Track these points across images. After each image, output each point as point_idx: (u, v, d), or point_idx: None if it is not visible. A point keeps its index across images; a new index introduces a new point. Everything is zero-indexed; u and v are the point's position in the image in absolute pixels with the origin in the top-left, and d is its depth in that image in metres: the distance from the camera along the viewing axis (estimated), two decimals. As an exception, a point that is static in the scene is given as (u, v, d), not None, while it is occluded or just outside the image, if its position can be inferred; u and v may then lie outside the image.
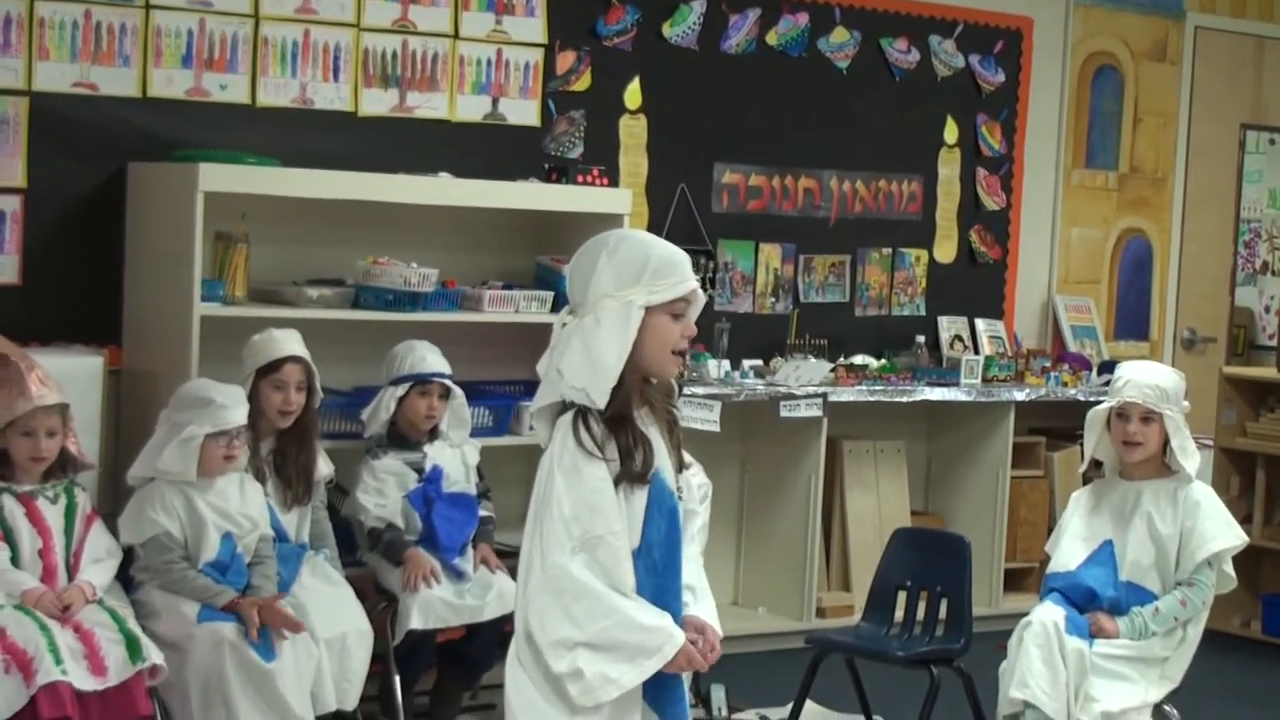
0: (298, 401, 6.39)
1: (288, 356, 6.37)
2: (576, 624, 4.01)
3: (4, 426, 5.78)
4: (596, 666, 4.01)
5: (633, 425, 4.17)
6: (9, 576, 5.69)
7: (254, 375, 6.36)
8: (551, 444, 4.18)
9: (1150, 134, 10.15)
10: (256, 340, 6.42)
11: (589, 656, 4.01)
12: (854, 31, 8.87)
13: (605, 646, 4.01)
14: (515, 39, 7.83)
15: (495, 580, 6.58)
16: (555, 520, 4.05)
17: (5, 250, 6.76)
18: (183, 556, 5.99)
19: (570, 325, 4.16)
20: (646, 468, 4.17)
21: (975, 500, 9.03)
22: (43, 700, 5.39)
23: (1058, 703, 5.90)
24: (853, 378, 8.49)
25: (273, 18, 7.24)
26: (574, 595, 4.01)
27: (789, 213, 8.77)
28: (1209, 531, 6.12)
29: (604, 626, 4.01)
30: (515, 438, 7.27)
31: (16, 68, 6.74)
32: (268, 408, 6.36)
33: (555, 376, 4.16)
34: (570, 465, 4.11)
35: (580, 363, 4.11)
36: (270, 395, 6.36)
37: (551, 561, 4.03)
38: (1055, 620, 5.99)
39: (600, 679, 4.01)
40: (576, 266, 4.18)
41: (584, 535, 4.04)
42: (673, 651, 4.10)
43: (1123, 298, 10.15)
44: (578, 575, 4.02)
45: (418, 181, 7.09)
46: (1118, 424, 6.21)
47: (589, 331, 4.11)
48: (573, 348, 4.12)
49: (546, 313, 7.19)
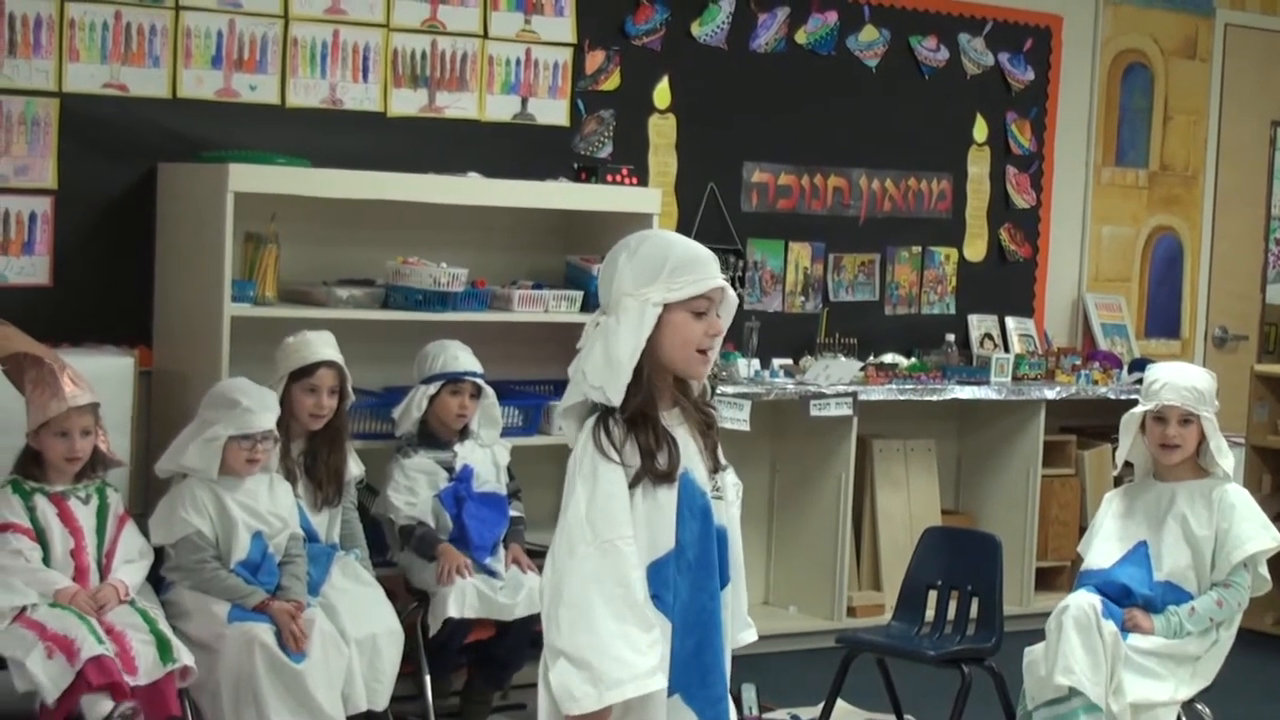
0: (330, 405, 6.40)
1: (321, 361, 6.38)
2: (560, 632, 3.98)
3: (38, 428, 5.80)
4: (565, 679, 3.97)
5: (656, 424, 4.16)
6: (42, 576, 5.71)
7: (286, 378, 6.37)
8: (576, 446, 4.18)
9: (1180, 131, 10.13)
10: (290, 343, 6.42)
11: (564, 667, 3.97)
12: (883, 30, 8.86)
13: (578, 663, 3.97)
14: (544, 38, 7.83)
15: (526, 580, 6.58)
16: (571, 523, 4.04)
17: (36, 251, 6.78)
18: (214, 556, 6.00)
19: (597, 326, 4.17)
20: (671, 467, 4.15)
21: (1006, 499, 9.01)
22: (90, 671, 5.43)
23: (1100, 688, 5.89)
24: (883, 376, 8.48)
25: (302, 18, 7.24)
26: (567, 603, 3.98)
27: (818, 211, 8.76)
28: (1245, 534, 6.11)
29: (581, 642, 3.96)
30: (545, 437, 7.26)
31: (47, 69, 6.75)
32: (300, 411, 6.37)
33: (580, 377, 4.17)
34: (589, 469, 4.11)
35: (599, 362, 4.12)
36: (302, 399, 6.37)
37: (560, 564, 4.02)
38: (1093, 603, 5.98)
39: (565, 692, 3.97)
40: (604, 268, 4.18)
41: (595, 539, 4.02)
42: (635, 693, 4.04)
43: (1153, 295, 10.13)
44: (578, 583, 3.98)
45: (447, 181, 7.09)
46: (1155, 427, 6.19)
47: (610, 331, 4.12)
48: (595, 348, 4.14)
49: (576, 312, 7.18)
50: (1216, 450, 6.15)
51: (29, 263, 6.77)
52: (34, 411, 5.80)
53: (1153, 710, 5.93)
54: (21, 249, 6.76)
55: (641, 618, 4.04)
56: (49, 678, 5.43)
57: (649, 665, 4.03)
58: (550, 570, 4.06)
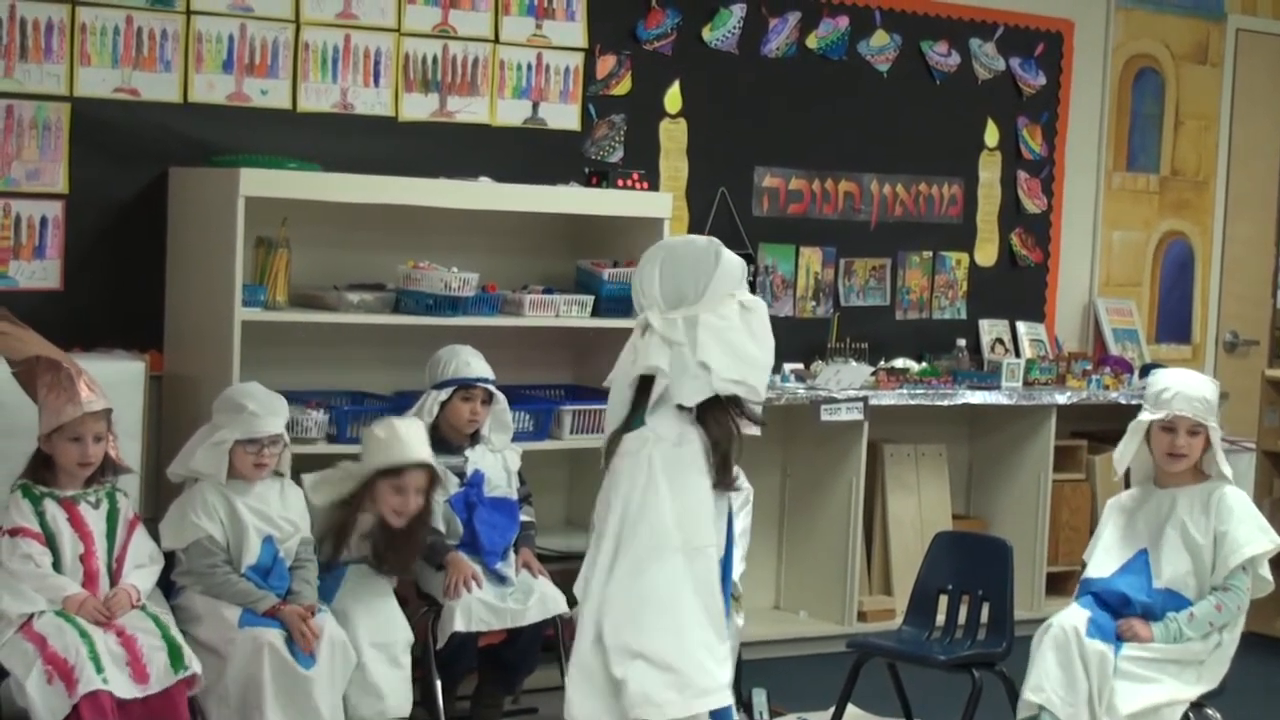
0: (416, 505, 6.32)
1: (413, 463, 6.29)
2: (644, 634, 3.96)
3: (50, 432, 5.80)
4: (644, 684, 3.95)
5: (737, 428, 4.13)
6: (51, 581, 5.71)
7: (373, 473, 6.28)
8: (657, 444, 4.13)
9: (1192, 136, 10.12)
10: (380, 437, 6.30)
11: (643, 670, 3.95)
12: (894, 35, 8.86)
13: (661, 666, 3.92)
14: (555, 43, 7.83)
15: (537, 585, 6.58)
16: (655, 526, 4.01)
17: (47, 255, 6.79)
18: (225, 561, 6.00)
19: (681, 322, 4.18)
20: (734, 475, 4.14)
21: (1017, 504, 9.01)
22: (85, 708, 5.40)
23: (1072, 708, 5.89)
24: (893, 381, 8.48)
25: (313, 23, 7.25)
26: (655, 606, 3.97)
27: (829, 216, 8.76)
28: (1243, 536, 6.10)
29: (668, 646, 3.95)
30: (556, 442, 7.26)
31: (59, 74, 6.76)
32: (383, 507, 6.31)
33: (699, 370, 4.17)
34: (676, 471, 4.09)
35: (727, 358, 4.15)
36: (388, 496, 6.29)
37: (642, 567, 3.99)
38: (1075, 625, 5.99)
39: (642, 697, 3.95)
40: (690, 266, 4.26)
41: (685, 545, 3.97)
42: (717, 704, 3.99)
43: (1164, 300, 10.12)
44: (665, 586, 3.98)
45: (458, 186, 7.09)
46: (1163, 436, 6.18)
47: (725, 328, 4.16)
48: (709, 343, 4.16)
49: (587, 317, 7.18)
50: (1221, 459, 6.17)
51: (40, 267, 6.78)
52: (47, 415, 5.80)
53: (1157, 712, 5.92)
54: (33, 253, 6.76)
55: (721, 628, 4.02)
56: (45, 706, 5.41)
57: (728, 678, 4.00)
58: (624, 576, 3.99)
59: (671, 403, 4.27)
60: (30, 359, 5.91)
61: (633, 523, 4.04)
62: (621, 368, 4.45)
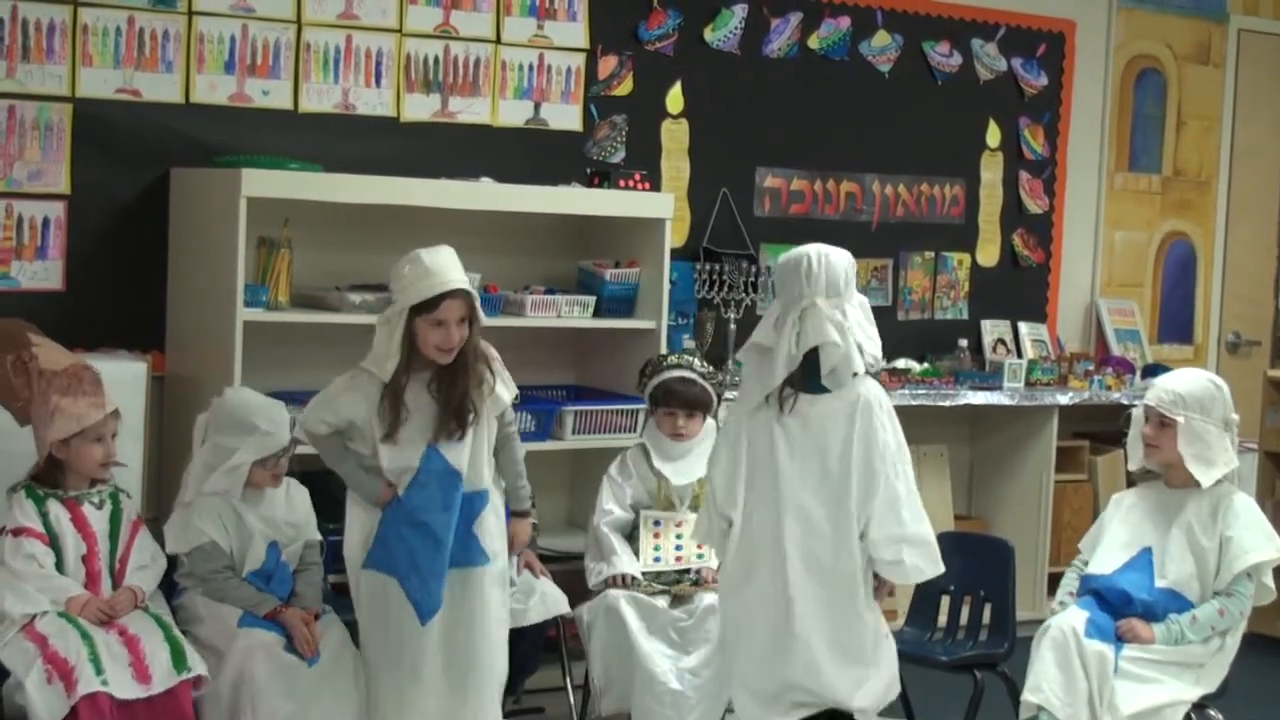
0: (460, 336, 5.76)
1: (448, 292, 5.75)
2: (905, 523, 5.62)
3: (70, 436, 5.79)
4: (915, 557, 5.65)
5: None
6: (54, 582, 5.71)
7: (407, 311, 5.74)
8: (872, 397, 5.68)
9: (1194, 137, 10.12)
10: (407, 272, 5.75)
11: (910, 550, 5.64)
12: (896, 35, 8.86)
13: (923, 544, 5.67)
14: (557, 44, 7.84)
15: (538, 585, 6.56)
16: (894, 447, 5.64)
17: (50, 256, 6.79)
18: (227, 566, 5.97)
19: (836, 308, 5.63)
20: None
21: (1019, 504, 9.01)
22: (83, 710, 5.40)
23: (1071, 708, 5.89)
24: (895, 381, 8.47)
25: (315, 23, 7.25)
26: (910, 504, 5.65)
27: (831, 216, 8.76)
28: (1248, 543, 6.09)
29: (925, 530, 5.67)
30: (558, 442, 7.25)
31: (61, 74, 6.76)
32: (425, 347, 5.75)
33: (854, 350, 5.61)
34: (891, 411, 5.72)
35: (869, 342, 5.70)
36: (427, 334, 5.73)
37: (891, 473, 5.62)
38: (1074, 625, 5.99)
39: (916, 569, 5.70)
40: (827, 265, 5.64)
41: (907, 460, 5.70)
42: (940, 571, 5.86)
43: (1166, 301, 10.12)
44: (912, 488, 5.68)
45: (460, 186, 7.10)
46: (1145, 427, 6.22)
47: (866, 317, 5.71)
48: (857, 329, 5.64)
49: (589, 317, 7.18)
50: (1195, 458, 6.10)
51: (42, 268, 6.78)
52: (65, 420, 5.78)
53: (1159, 713, 5.91)
54: (35, 254, 6.77)
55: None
56: (44, 705, 5.40)
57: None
58: (917, 493, 5.69)
59: (848, 370, 5.60)
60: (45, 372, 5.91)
61: (900, 456, 5.64)
62: (783, 343, 5.62)
